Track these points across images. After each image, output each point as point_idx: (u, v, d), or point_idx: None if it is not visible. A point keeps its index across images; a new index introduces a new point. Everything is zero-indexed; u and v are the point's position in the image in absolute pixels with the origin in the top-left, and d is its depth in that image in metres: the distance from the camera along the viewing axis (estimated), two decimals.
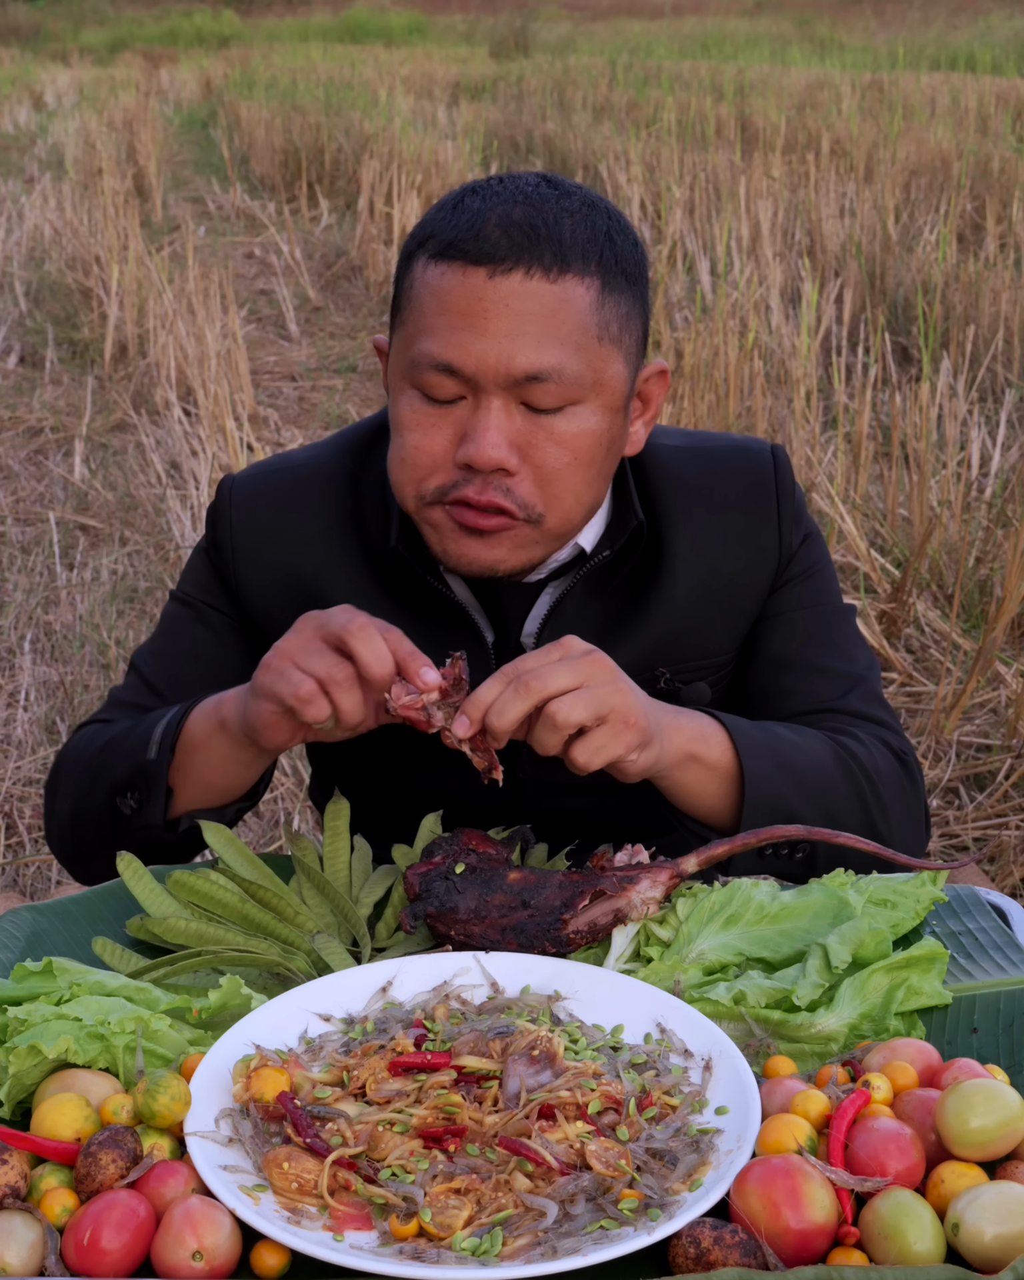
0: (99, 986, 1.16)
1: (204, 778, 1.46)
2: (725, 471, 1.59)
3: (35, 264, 8.56)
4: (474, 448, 1.35)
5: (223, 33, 24.72)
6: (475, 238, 1.34)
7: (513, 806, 1.58)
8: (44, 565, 4.79)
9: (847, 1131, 1.03)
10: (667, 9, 26.94)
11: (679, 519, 1.55)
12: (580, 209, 1.38)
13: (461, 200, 1.39)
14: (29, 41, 24.30)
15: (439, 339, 1.35)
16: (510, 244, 1.34)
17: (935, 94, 12.97)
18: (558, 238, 1.35)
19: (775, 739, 1.46)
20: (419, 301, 1.38)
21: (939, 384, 5.17)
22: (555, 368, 1.34)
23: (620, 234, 1.41)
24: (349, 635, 1.27)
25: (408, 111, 12.62)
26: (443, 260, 1.36)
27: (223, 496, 1.60)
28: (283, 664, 1.30)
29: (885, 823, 1.50)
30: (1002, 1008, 1.25)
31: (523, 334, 1.34)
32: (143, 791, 1.46)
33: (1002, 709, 3.73)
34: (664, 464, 1.57)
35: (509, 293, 1.34)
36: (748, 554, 1.57)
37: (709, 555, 1.55)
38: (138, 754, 1.46)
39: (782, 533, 1.58)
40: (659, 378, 1.49)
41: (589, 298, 1.36)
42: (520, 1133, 1.03)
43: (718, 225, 7.70)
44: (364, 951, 1.34)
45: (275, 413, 6.19)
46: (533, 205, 1.36)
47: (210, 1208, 0.98)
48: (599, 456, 1.41)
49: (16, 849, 3.31)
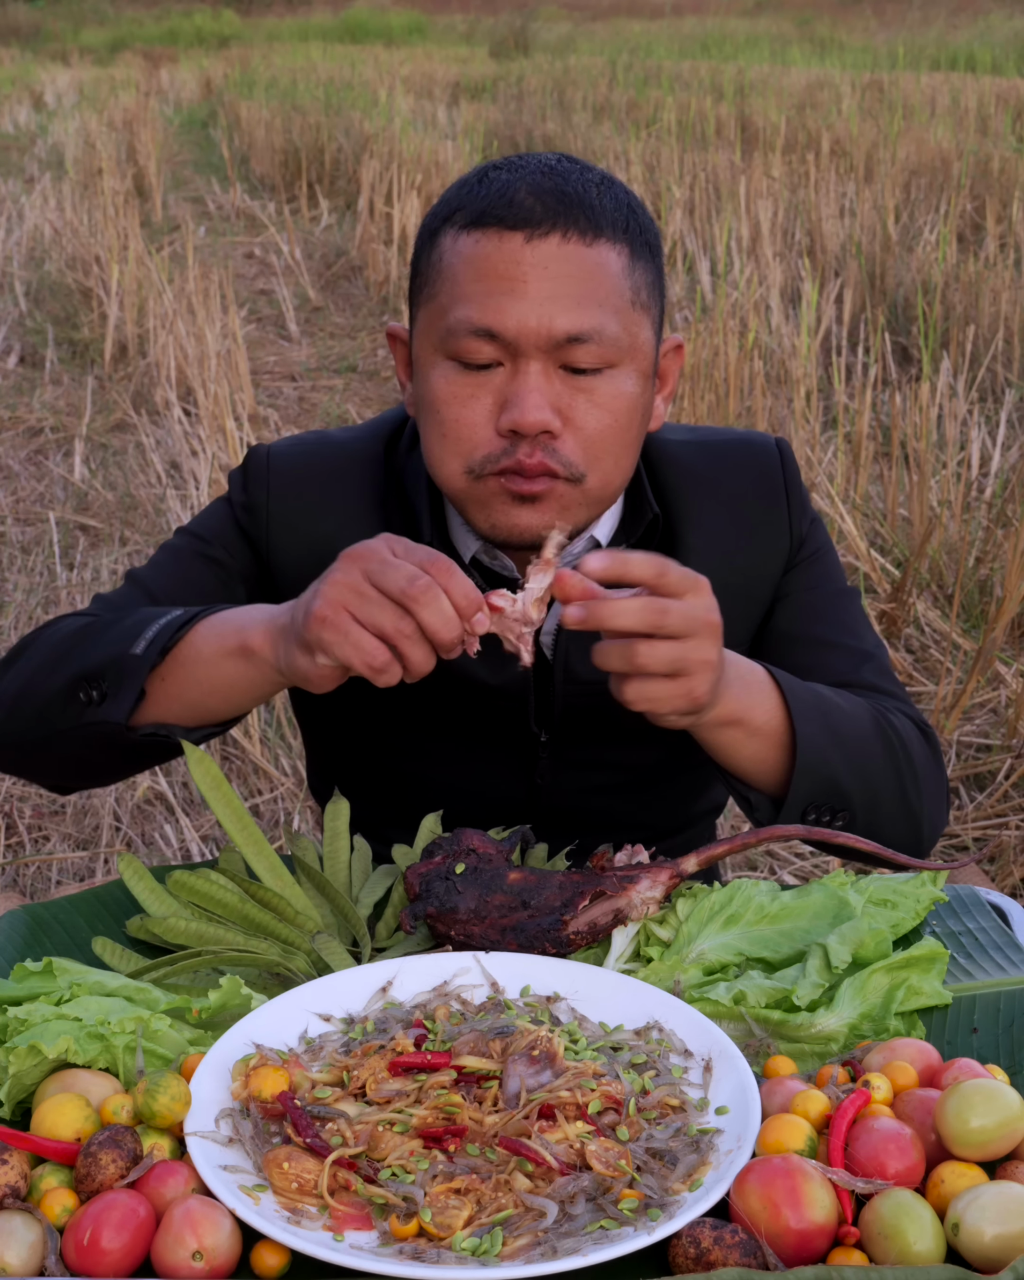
0: (99, 986, 1.16)
1: (195, 696, 1.38)
2: (733, 465, 1.60)
3: (35, 264, 8.55)
4: (518, 412, 1.34)
5: (223, 33, 24.72)
6: (509, 204, 1.36)
7: (528, 804, 1.58)
8: (44, 565, 4.79)
9: (847, 1131, 1.03)
10: (667, 9, 26.95)
11: (691, 512, 1.56)
12: (602, 181, 1.41)
13: (485, 175, 1.41)
14: (29, 41, 24.30)
15: (477, 304, 1.35)
16: (544, 209, 1.35)
17: (935, 94, 12.97)
18: (588, 204, 1.37)
19: (825, 702, 1.44)
20: (452, 271, 1.38)
21: (939, 384, 5.17)
22: (595, 328, 1.35)
23: (640, 208, 1.43)
24: (411, 600, 1.18)
25: (408, 111, 12.62)
26: (477, 228, 1.37)
27: (260, 461, 1.57)
28: (341, 617, 1.20)
29: (917, 793, 1.49)
30: (1002, 1008, 1.25)
31: (562, 296, 1.35)
32: (112, 684, 1.37)
33: (1002, 709, 3.73)
34: (672, 458, 1.58)
35: (548, 256, 1.35)
36: (759, 545, 1.58)
37: (722, 547, 1.56)
38: (119, 646, 1.37)
39: (792, 524, 1.60)
40: (675, 353, 1.51)
41: (621, 262, 1.38)
42: (520, 1133, 1.03)
43: (718, 225, 7.70)
44: (364, 951, 1.34)
45: (275, 413, 6.18)
46: (559, 176, 1.38)
47: (210, 1208, 0.98)
48: (636, 421, 1.42)
49: (16, 849, 3.31)
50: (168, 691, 1.38)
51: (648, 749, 1.58)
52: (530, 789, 1.59)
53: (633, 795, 1.62)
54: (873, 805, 1.44)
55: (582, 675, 1.47)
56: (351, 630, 1.20)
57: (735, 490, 1.58)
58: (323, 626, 1.21)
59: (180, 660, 1.37)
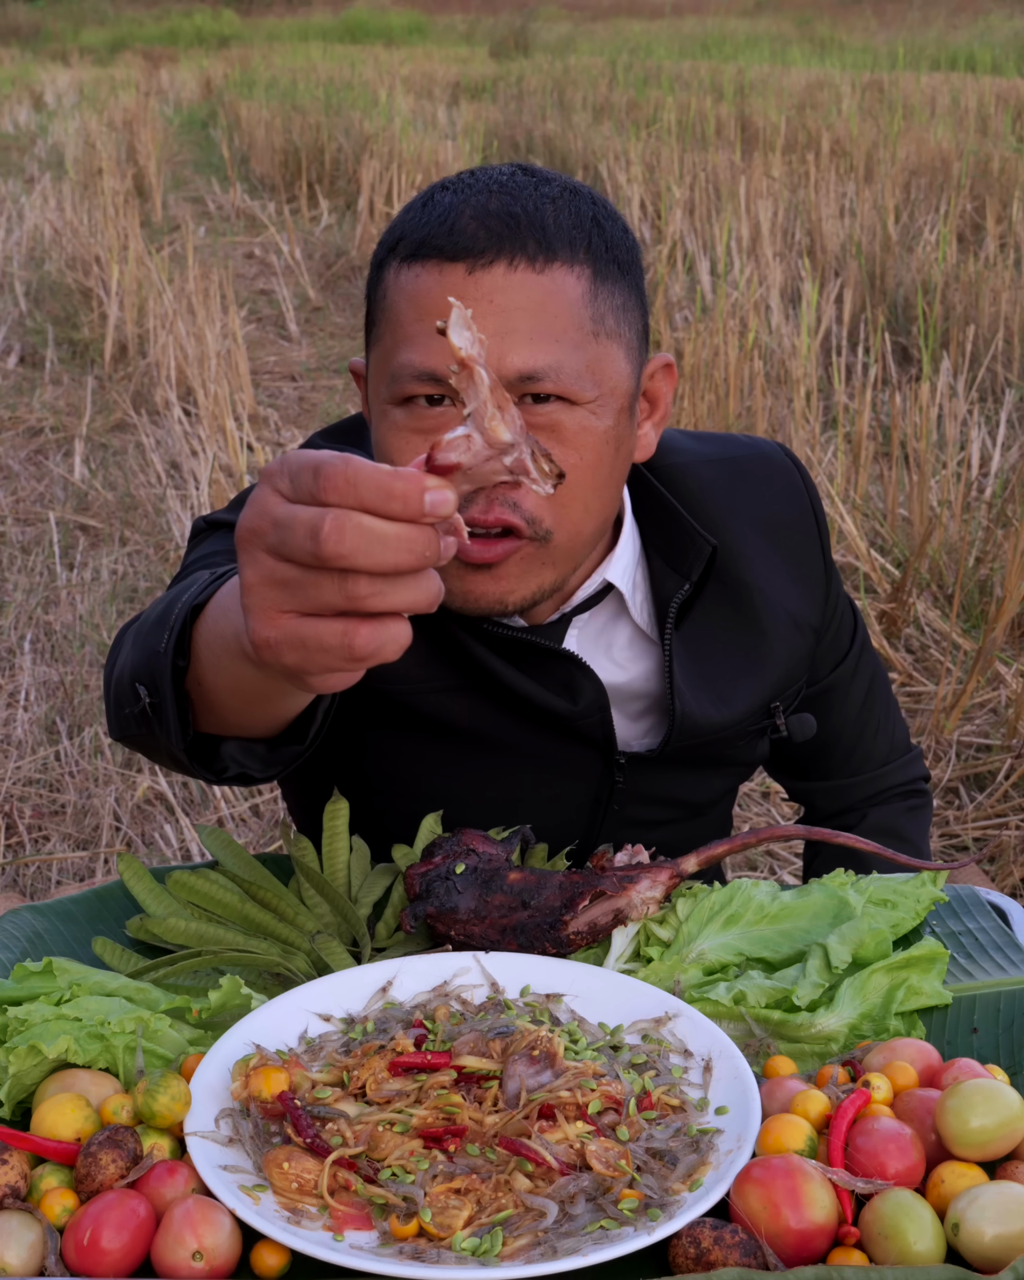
0: (99, 986, 1.16)
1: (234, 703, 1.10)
2: (761, 484, 1.51)
3: (35, 264, 8.55)
4: None
5: (223, 33, 24.71)
6: (449, 232, 1.23)
7: (583, 838, 1.52)
8: (44, 565, 4.79)
9: (847, 1131, 1.03)
10: (667, 9, 26.94)
11: (735, 544, 1.46)
12: (562, 195, 1.28)
13: (431, 198, 1.29)
14: (29, 41, 24.29)
15: (420, 347, 1.24)
16: (488, 235, 1.23)
17: (935, 94, 12.97)
18: (540, 224, 1.24)
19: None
20: (395, 310, 1.27)
21: (939, 384, 5.17)
22: (551, 366, 1.23)
23: (608, 220, 1.30)
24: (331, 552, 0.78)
25: (408, 111, 12.62)
26: (416, 261, 1.25)
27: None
28: (281, 626, 0.83)
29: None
30: (1002, 1008, 1.25)
31: (512, 331, 1.22)
32: (152, 691, 1.14)
33: (1002, 709, 3.73)
34: (703, 483, 1.47)
35: (492, 288, 1.22)
36: (801, 572, 1.52)
37: (778, 581, 1.49)
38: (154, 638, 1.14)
39: (822, 542, 1.54)
40: (665, 372, 1.39)
41: (580, 288, 1.25)
42: (520, 1133, 1.03)
43: (718, 225, 7.70)
44: (364, 951, 1.34)
45: (275, 413, 6.18)
46: (509, 194, 1.26)
47: (210, 1208, 0.98)
48: (608, 458, 1.30)
49: (17, 849, 3.31)
50: (208, 698, 1.13)
51: (718, 779, 1.57)
52: (588, 824, 1.52)
53: (686, 828, 1.57)
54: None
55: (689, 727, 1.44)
56: (304, 634, 0.82)
57: (767, 515, 1.50)
58: (277, 651, 0.84)
59: (203, 662, 1.11)
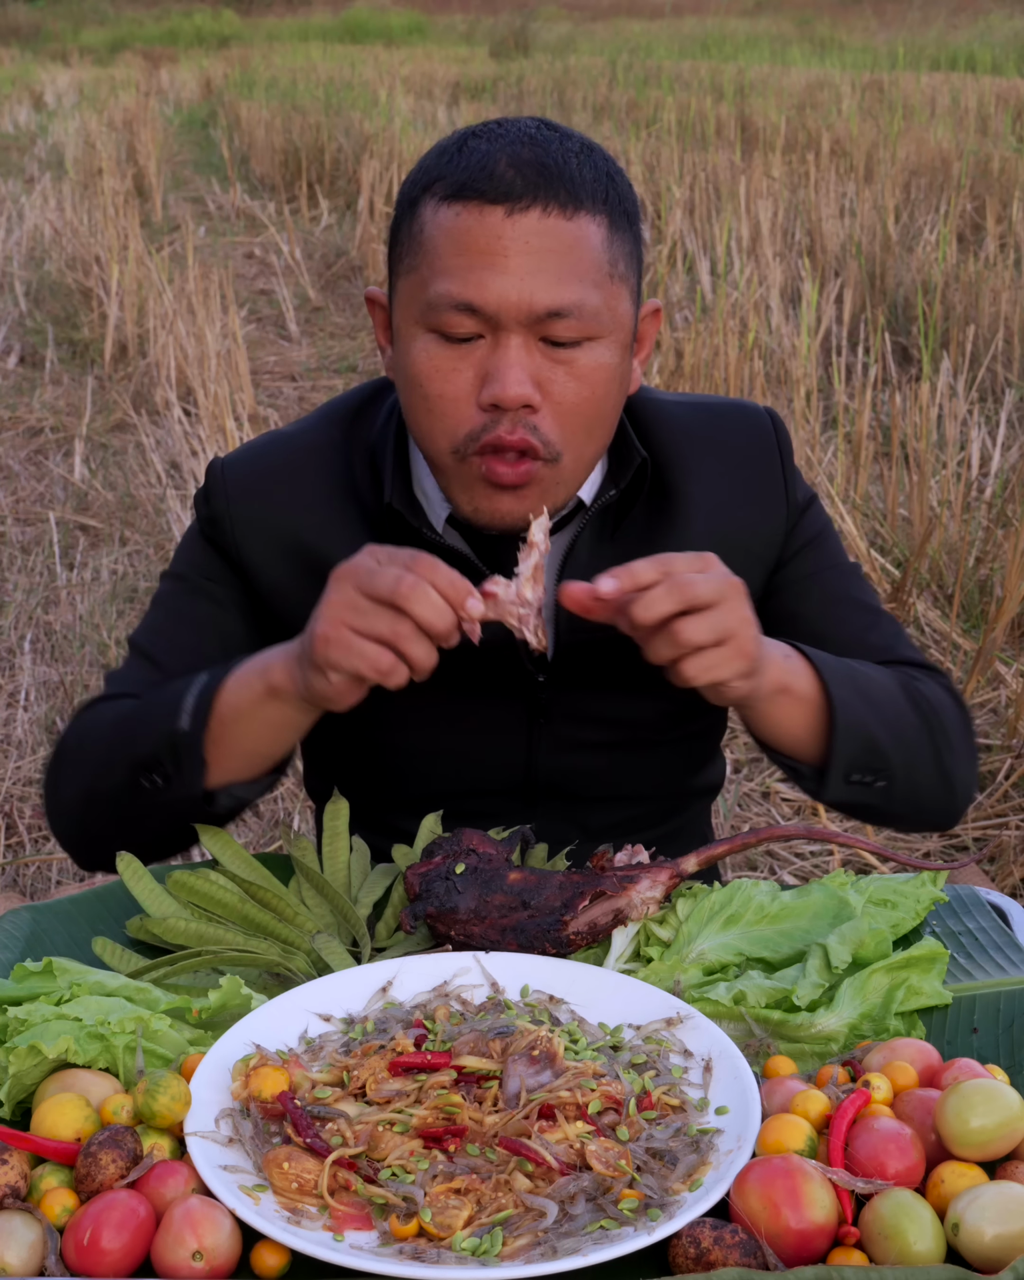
0: (99, 986, 1.16)
1: (247, 746, 1.43)
2: (728, 424, 1.61)
3: (35, 264, 8.55)
4: (499, 386, 1.35)
5: (223, 33, 24.70)
6: (490, 177, 1.35)
7: (524, 764, 1.59)
8: (44, 565, 4.79)
9: (847, 1131, 1.03)
10: (667, 9, 26.94)
11: (686, 463, 1.56)
12: (581, 150, 1.40)
13: (464, 143, 1.40)
14: (29, 41, 24.29)
15: (458, 279, 1.36)
16: (525, 182, 1.35)
17: (935, 94, 12.97)
18: (569, 176, 1.36)
19: (852, 670, 1.48)
20: (432, 244, 1.38)
21: (939, 384, 5.17)
22: (575, 303, 1.36)
23: (618, 175, 1.43)
24: (401, 600, 1.24)
25: (408, 111, 12.62)
26: (457, 201, 1.36)
27: (214, 476, 1.60)
28: (341, 633, 1.27)
29: (951, 755, 1.54)
30: (1002, 1008, 1.25)
31: (543, 271, 1.35)
32: (172, 765, 1.42)
33: (1002, 709, 3.73)
34: (666, 415, 1.59)
35: (528, 230, 1.35)
36: (757, 504, 1.59)
37: (719, 499, 1.57)
38: (164, 726, 1.41)
39: (788, 485, 1.60)
40: (653, 316, 1.52)
41: (601, 234, 1.38)
42: (520, 1133, 1.03)
43: (718, 225, 7.70)
44: (364, 951, 1.34)
45: (275, 413, 6.19)
46: (539, 146, 1.37)
47: (210, 1208, 0.98)
48: (613, 392, 1.43)
49: (16, 849, 3.31)
50: (225, 752, 1.42)
51: (646, 702, 1.58)
52: (528, 746, 1.58)
53: (631, 756, 1.62)
54: (910, 767, 1.49)
55: (580, 622, 1.48)
56: (353, 642, 1.26)
57: (730, 449, 1.59)
58: (327, 645, 1.27)
59: (222, 720, 1.40)
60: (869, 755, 1.45)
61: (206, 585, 1.59)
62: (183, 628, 1.59)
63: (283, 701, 1.39)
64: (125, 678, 1.58)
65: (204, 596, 1.59)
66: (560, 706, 1.56)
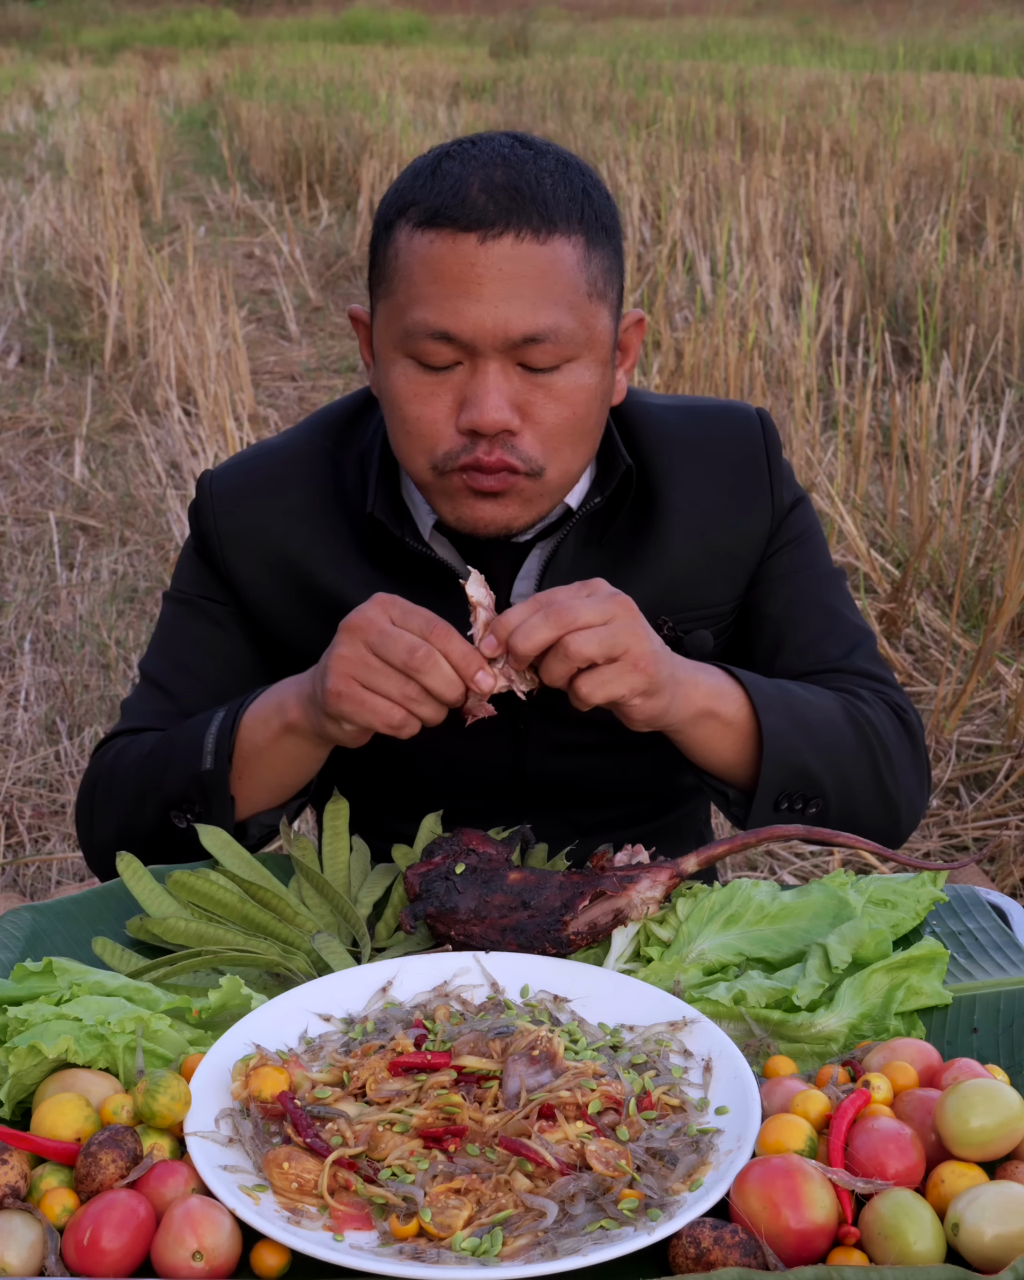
0: (99, 986, 1.16)
1: (270, 780, 1.48)
2: (715, 428, 1.62)
3: (35, 264, 8.56)
4: (477, 413, 1.36)
5: (223, 33, 24.70)
6: (462, 204, 1.34)
7: (513, 766, 1.60)
8: (44, 565, 4.79)
9: (847, 1131, 1.03)
10: (667, 9, 26.93)
11: (671, 470, 1.57)
12: (557, 168, 1.39)
13: (438, 165, 1.39)
14: (29, 41, 24.29)
15: (434, 307, 1.36)
16: (497, 208, 1.34)
17: (935, 94, 12.96)
18: (542, 199, 1.36)
19: (789, 695, 1.48)
20: (408, 270, 1.38)
21: (939, 384, 5.17)
22: (551, 328, 1.36)
23: (595, 189, 1.42)
24: (414, 670, 1.29)
25: (408, 111, 12.62)
26: (430, 228, 1.36)
27: (203, 490, 1.61)
28: (353, 689, 1.31)
29: (892, 779, 1.53)
30: (1002, 1008, 1.25)
31: (517, 297, 1.35)
32: (201, 804, 1.47)
33: (1002, 709, 3.73)
34: (652, 419, 1.59)
35: (501, 257, 1.34)
36: (742, 507, 1.60)
37: (704, 505, 1.57)
38: (189, 768, 1.46)
39: (773, 487, 1.61)
40: (636, 327, 1.51)
41: (576, 255, 1.38)
42: (520, 1133, 1.03)
43: (718, 225, 7.70)
44: (364, 951, 1.34)
45: (275, 413, 6.18)
46: (512, 167, 1.37)
47: (210, 1208, 0.98)
48: (595, 409, 1.43)
49: (16, 849, 3.31)
50: (249, 786, 1.48)
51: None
52: (516, 748, 1.59)
53: (618, 757, 1.62)
54: (847, 793, 1.49)
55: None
56: (365, 699, 1.31)
57: (717, 453, 1.60)
58: (340, 700, 1.32)
59: (243, 758, 1.46)
60: (800, 782, 1.46)
61: (206, 606, 1.61)
62: (188, 653, 1.61)
63: (300, 737, 1.43)
64: (138, 709, 1.62)
65: (205, 618, 1.61)
66: (546, 710, 1.57)
